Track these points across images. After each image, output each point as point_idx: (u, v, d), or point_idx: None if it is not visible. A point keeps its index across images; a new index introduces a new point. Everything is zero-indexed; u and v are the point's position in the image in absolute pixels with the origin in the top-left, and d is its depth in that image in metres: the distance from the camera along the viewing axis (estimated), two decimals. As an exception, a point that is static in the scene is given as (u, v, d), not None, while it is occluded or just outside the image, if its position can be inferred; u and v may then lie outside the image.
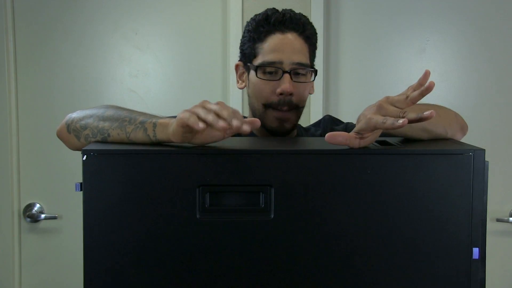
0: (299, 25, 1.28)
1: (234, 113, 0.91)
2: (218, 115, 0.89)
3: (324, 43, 2.11)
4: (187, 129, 0.91)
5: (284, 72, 1.25)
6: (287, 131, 1.30)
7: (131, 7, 2.14)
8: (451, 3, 2.13)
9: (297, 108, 1.28)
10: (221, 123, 0.87)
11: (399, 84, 2.13)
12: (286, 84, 1.24)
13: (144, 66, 2.17)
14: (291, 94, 1.25)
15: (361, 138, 0.92)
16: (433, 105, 1.16)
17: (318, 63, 1.79)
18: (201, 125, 0.87)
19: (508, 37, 2.12)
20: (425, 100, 0.93)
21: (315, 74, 1.32)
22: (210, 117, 0.88)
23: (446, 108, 1.17)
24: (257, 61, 1.28)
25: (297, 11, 1.34)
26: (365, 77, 2.17)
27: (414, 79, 0.92)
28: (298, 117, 1.31)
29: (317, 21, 2.07)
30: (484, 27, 2.13)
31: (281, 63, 1.25)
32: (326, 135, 0.93)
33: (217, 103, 0.92)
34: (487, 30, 2.13)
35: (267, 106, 1.28)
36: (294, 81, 1.26)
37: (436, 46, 2.14)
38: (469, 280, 0.93)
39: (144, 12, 2.15)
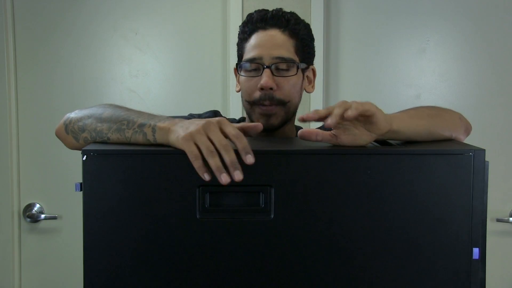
0: (281, 21, 1.27)
1: (238, 138, 0.90)
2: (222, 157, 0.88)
3: (324, 43, 2.10)
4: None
5: (265, 67, 1.24)
6: (274, 126, 1.27)
7: (131, 7, 2.14)
8: (451, 3, 2.13)
9: (282, 103, 1.25)
10: (223, 178, 0.88)
11: (399, 84, 2.13)
12: (265, 78, 1.22)
13: (144, 66, 2.16)
14: (271, 89, 1.23)
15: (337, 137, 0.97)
16: (438, 107, 1.15)
17: (318, 63, 1.79)
18: (207, 177, 0.88)
19: (508, 37, 2.12)
20: (427, 101, 0.93)
21: (299, 68, 1.27)
22: (213, 164, 0.88)
23: (450, 110, 1.16)
24: (242, 60, 1.29)
25: (297, 11, 1.33)
26: (365, 77, 2.17)
27: (414, 79, 0.93)
28: (287, 112, 1.27)
29: (317, 21, 2.07)
30: (484, 27, 2.13)
31: (261, 58, 1.24)
32: (299, 132, 0.98)
33: (227, 133, 0.91)
34: (487, 30, 2.13)
35: (251, 103, 1.26)
36: (276, 76, 1.24)
37: (436, 46, 2.14)
38: (469, 280, 0.93)
39: (144, 12, 2.15)
